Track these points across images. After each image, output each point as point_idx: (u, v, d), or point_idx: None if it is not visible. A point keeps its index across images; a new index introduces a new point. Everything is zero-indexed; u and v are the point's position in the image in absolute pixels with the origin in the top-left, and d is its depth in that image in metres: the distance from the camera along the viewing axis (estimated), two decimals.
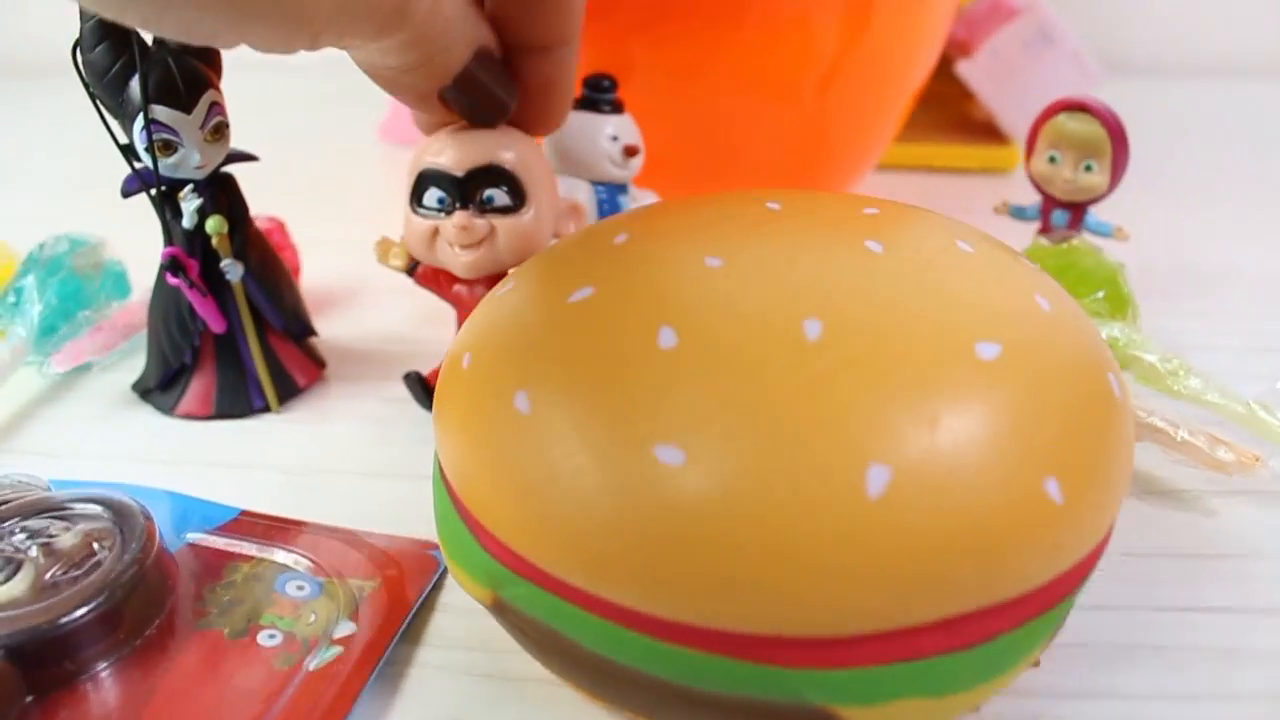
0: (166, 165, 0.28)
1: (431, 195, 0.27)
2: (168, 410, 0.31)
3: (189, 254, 0.29)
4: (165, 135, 0.27)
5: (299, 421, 0.31)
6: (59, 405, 0.32)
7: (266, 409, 0.31)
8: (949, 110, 0.51)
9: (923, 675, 0.17)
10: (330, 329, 0.34)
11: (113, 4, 0.17)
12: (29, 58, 0.77)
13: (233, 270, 0.29)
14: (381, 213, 0.48)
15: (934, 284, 0.19)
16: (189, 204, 0.28)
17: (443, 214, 0.27)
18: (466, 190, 0.27)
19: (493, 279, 0.28)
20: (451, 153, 0.26)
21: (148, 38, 0.27)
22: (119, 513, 0.24)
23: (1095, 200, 0.33)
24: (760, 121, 0.36)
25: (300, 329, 0.32)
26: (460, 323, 0.31)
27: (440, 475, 0.22)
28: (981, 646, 0.17)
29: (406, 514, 0.26)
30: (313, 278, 0.39)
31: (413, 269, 0.30)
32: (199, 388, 0.31)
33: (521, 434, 0.18)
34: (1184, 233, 0.44)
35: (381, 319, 0.37)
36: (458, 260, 0.27)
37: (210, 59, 0.28)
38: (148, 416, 0.31)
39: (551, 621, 0.18)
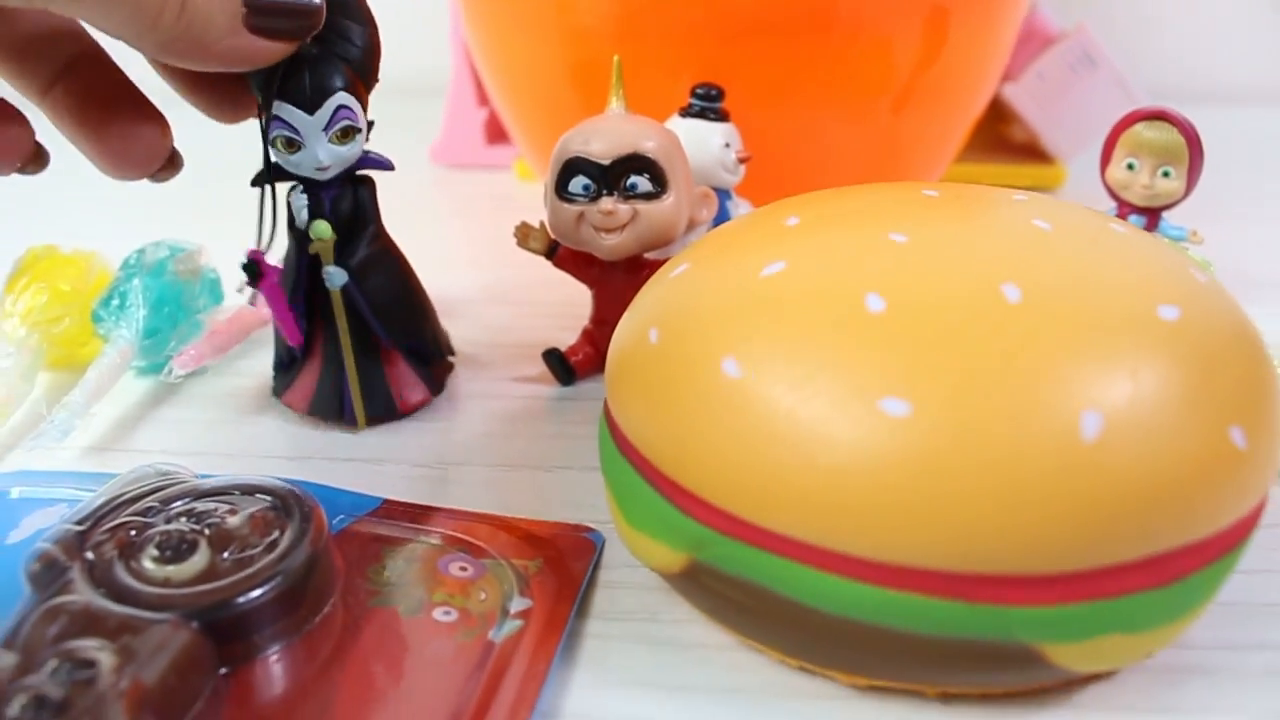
0: (290, 161, 0.27)
1: (577, 182, 0.29)
2: (278, 394, 0.31)
3: (298, 254, 0.29)
4: (286, 133, 0.27)
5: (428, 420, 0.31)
6: (168, 407, 0.32)
7: (355, 424, 0.31)
8: (987, 133, 0.53)
9: (1124, 612, 0.18)
10: None
11: None
12: None
13: (336, 277, 0.29)
14: (448, 239, 0.49)
15: (1105, 256, 0.21)
16: (296, 202, 0.28)
17: (588, 200, 0.29)
18: (611, 177, 0.28)
19: (630, 261, 0.30)
20: (598, 142, 0.28)
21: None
22: (282, 498, 0.24)
23: (1171, 206, 0.34)
24: (838, 137, 0.38)
25: (424, 350, 0.32)
26: (598, 302, 0.32)
27: (616, 448, 0.22)
28: (1176, 584, 0.18)
29: (549, 501, 0.27)
30: None
31: (551, 252, 0.31)
32: (304, 384, 0.31)
33: (734, 397, 0.19)
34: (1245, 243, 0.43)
35: (499, 322, 0.38)
36: (602, 244, 0.29)
37: (368, 66, 0.28)
38: (266, 418, 0.31)
39: (760, 579, 0.19)
